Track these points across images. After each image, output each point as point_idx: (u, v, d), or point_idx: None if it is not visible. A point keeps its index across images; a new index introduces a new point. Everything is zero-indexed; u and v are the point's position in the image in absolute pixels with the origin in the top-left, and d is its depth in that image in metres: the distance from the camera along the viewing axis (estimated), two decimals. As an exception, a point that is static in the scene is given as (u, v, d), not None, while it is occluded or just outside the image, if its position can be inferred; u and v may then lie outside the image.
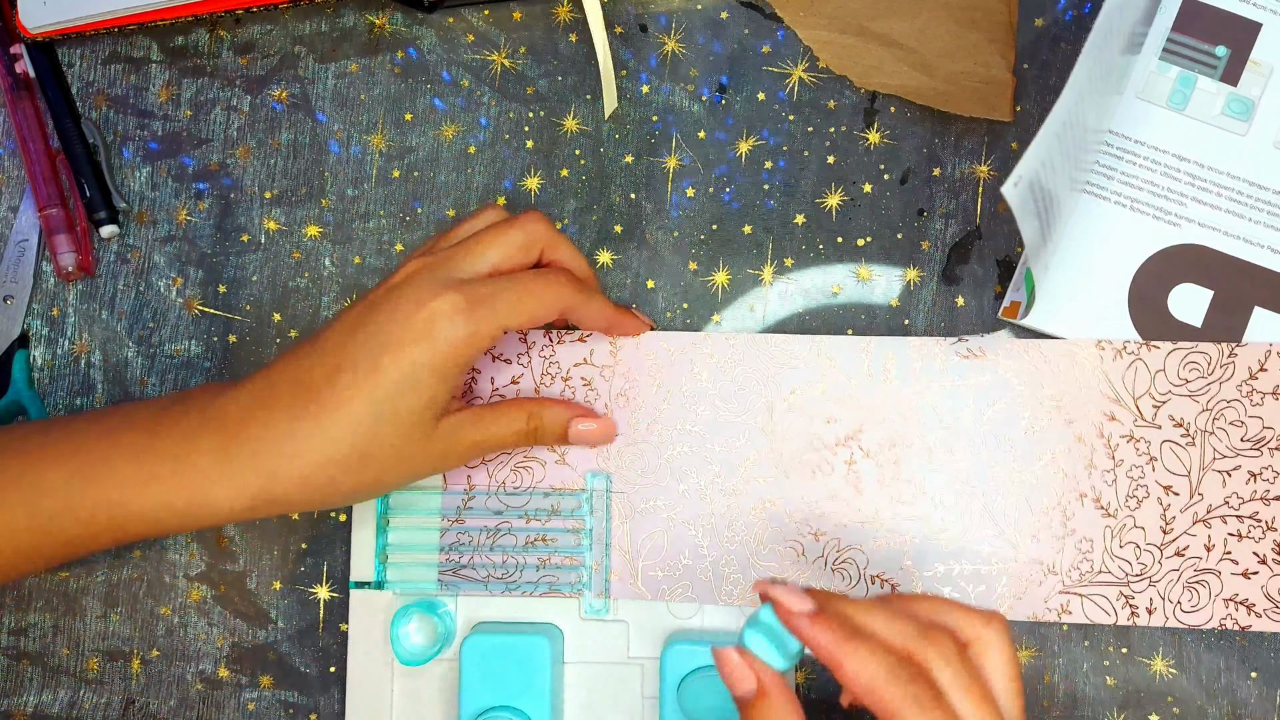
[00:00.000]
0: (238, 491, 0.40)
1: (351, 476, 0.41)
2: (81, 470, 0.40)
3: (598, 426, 0.46)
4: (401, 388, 0.40)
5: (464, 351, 0.40)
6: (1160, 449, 0.46)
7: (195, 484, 0.40)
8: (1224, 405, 0.45)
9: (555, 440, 0.46)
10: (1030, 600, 0.46)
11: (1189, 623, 0.45)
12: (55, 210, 0.50)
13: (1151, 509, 0.46)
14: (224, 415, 0.41)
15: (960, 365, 0.46)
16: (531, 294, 0.42)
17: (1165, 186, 0.47)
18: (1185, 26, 0.47)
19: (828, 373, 0.47)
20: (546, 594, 0.47)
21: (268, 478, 0.40)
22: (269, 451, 0.40)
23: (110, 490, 0.40)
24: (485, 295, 0.41)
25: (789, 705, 0.36)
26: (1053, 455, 0.46)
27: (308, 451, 0.40)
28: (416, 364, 0.40)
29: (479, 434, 0.43)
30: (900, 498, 0.46)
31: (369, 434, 0.40)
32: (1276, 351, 0.45)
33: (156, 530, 0.41)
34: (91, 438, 0.41)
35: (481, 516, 0.48)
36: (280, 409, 0.40)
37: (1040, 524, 0.46)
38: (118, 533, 0.41)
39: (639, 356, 0.48)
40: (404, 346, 0.40)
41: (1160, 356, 0.46)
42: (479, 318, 0.40)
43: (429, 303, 0.40)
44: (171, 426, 0.41)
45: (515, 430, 0.44)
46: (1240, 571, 0.45)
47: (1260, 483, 0.45)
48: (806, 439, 0.47)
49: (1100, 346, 0.46)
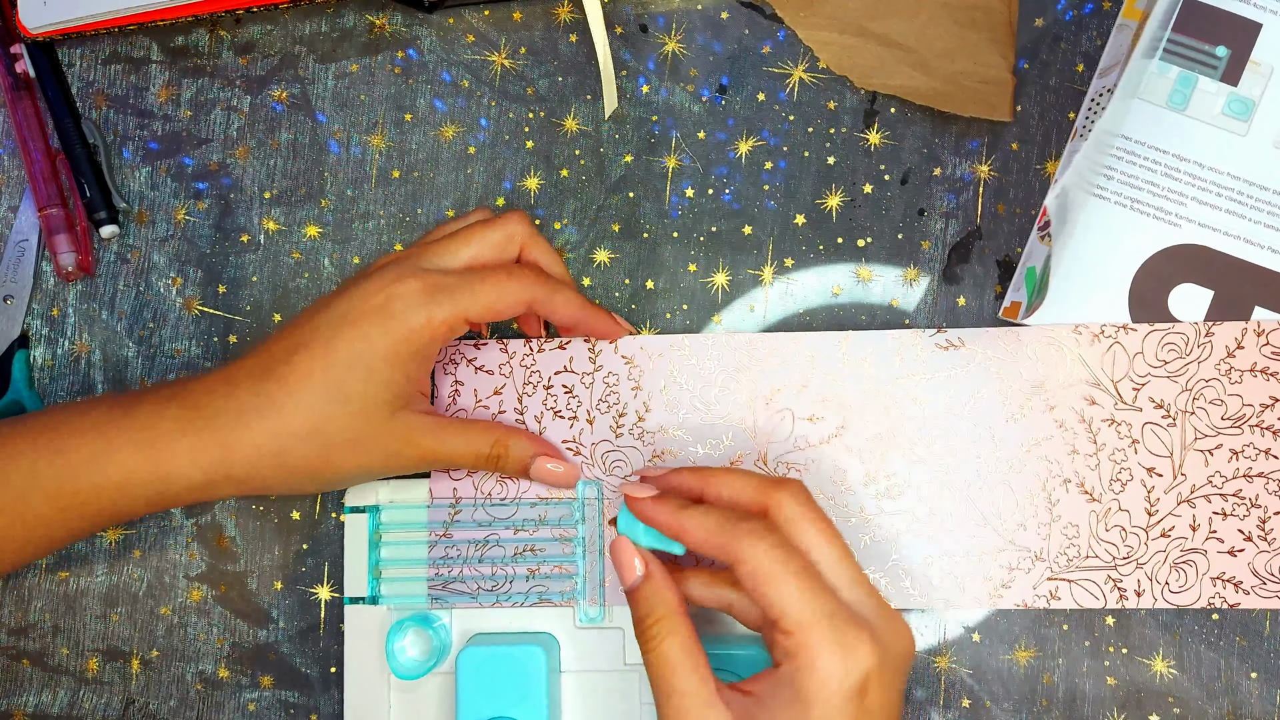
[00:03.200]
0: (195, 462, 0.41)
1: (300, 450, 0.41)
2: (51, 444, 0.41)
3: (564, 470, 0.46)
4: (354, 367, 0.41)
5: (419, 336, 0.41)
6: (1142, 431, 0.46)
7: (158, 454, 0.41)
8: (1203, 385, 0.46)
9: (516, 473, 0.46)
10: (1018, 588, 0.46)
11: (1177, 603, 0.45)
12: (55, 210, 0.50)
13: (1136, 491, 0.46)
14: (190, 390, 0.42)
15: (940, 356, 0.46)
16: (492, 285, 0.42)
17: (1165, 186, 0.47)
18: (1185, 26, 0.47)
19: (808, 370, 0.47)
20: (539, 604, 0.47)
21: (223, 448, 0.41)
22: (226, 422, 0.41)
23: (73, 461, 0.41)
24: (446, 284, 0.41)
25: (665, 580, 0.39)
26: (1035, 442, 0.46)
27: (262, 421, 0.41)
28: (372, 346, 0.41)
29: (436, 444, 0.43)
30: (886, 491, 0.46)
31: (321, 411, 0.41)
32: (1253, 329, 0.45)
33: (122, 501, 0.42)
34: (61, 416, 0.42)
35: (469, 529, 0.47)
36: (241, 383, 0.41)
37: (1025, 511, 0.46)
38: (85, 508, 0.42)
39: (618, 362, 0.48)
40: (358, 325, 0.41)
41: (1138, 339, 0.46)
42: (436, 303, 0.41)
43: (389, 286, 0.41)
44: (141, 403, 0.42)
45: (475, 452, 0.44)
46: (1227, 550, 0.45)
47: (1242, 460, 0.45)
48: (790, 437, 0.47)
49: (1077, 331, 0.46)
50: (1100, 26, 0.48)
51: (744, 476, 0.40)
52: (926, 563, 0.46)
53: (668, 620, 0.38)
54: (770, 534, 0.37)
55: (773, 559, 0.36)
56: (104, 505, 0.42)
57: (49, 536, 0.42)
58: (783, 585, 0.36)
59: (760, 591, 0.36)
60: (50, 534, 0.42)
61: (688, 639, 0.38)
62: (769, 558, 0.36)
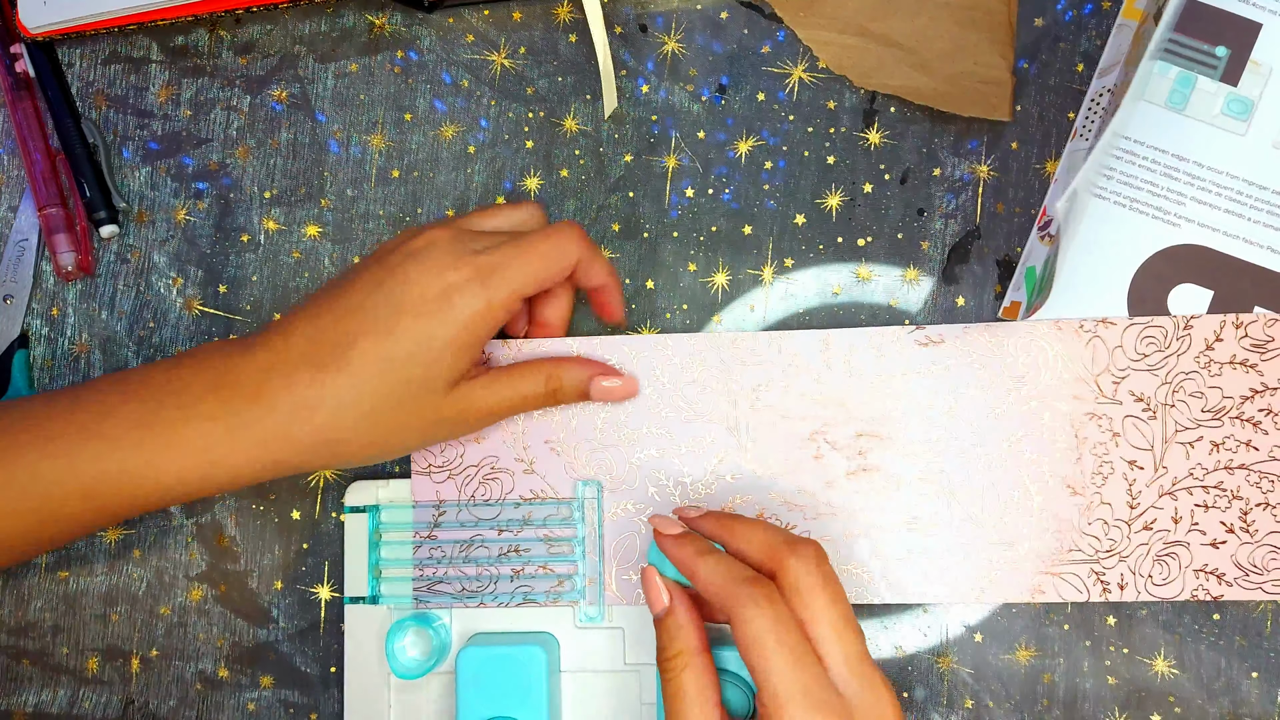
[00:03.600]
0: (251, 455, 0.40)
1: (362, 436, 0.41)
2: (85, 447, 0.40)
3: (621, 384, 0.46)
4: (415, 356, 0.40)
5: (482, 325, 0.41)
6: (1123, 424, 0.46)
7: (207, 451, 0.40)
8: (1183, 377, 0.46)
9: (576, 399, 0.46)
10: (1003, 583, 0.46)
11: (1160, 596, 0.45)
12: (55, 210, 0.50)
13: (1118, 485, 0.46)
14: (238, 378, 0.41)
15: (921, 353, 0.46)
16: (539, 256, 0.42)
17: (1165, 186, 0.47)
18: (1185, 26, 0.47)
19: (789, 369, 0.47)
20: (542, 604, 0.47)
21: (283, 440, 0.40)
22: (285, 416, 0.40)
23: (109, 466, 0.40)
24: (498, 263, 0.41)
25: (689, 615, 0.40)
26: (1017, 437, 0.46)
27: (324, 415, 0.40)
28: (433, 337, 0.40)
29: (494, 398, 0.43)
30: (869, 489, 0.46)
31: (381, 396, 0.40)
32: (1231, 322, 0.46)
33: (166, 500, 0.41)
34: (93, 413, 0.41)
35: (454, 530, 0.47)
36: (299, 370, 0.40)
37: (1008, 506, 0.46)
38: (123, 507, 0.41)
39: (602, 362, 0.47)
40: (419, 317, 0.40)
41: (1117, 332, 0.46)
42: (493, 287, 0.41)
43: (444, 275, 0.41)
44: (179, 393, 0.41)
45: (533, 393, 0.44)
46: (1209, 542, 0.45)
47: (1223, 452, 0.45)
48: (773, 436, 0.47)
49: (1057, 326, 0.46)
50: (1100, 26, 0.48)
51: (762, 533, 0.40)
52: (910, 559, 0.46)
53: (685, 655, 0.39)
54: (770, 604, 0.37)
55: (766, 629, 0.36)
56: (149, 500, 0.41)
57: (79, 529, 0.42)
58: (771, 658, 0.36)
59: (749, 657, 0.37)
60: (80, 527, 0.42)
61: (703, 673, 0.38)
62: (763, 627, 0.36)
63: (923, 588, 0.46)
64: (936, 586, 0.46)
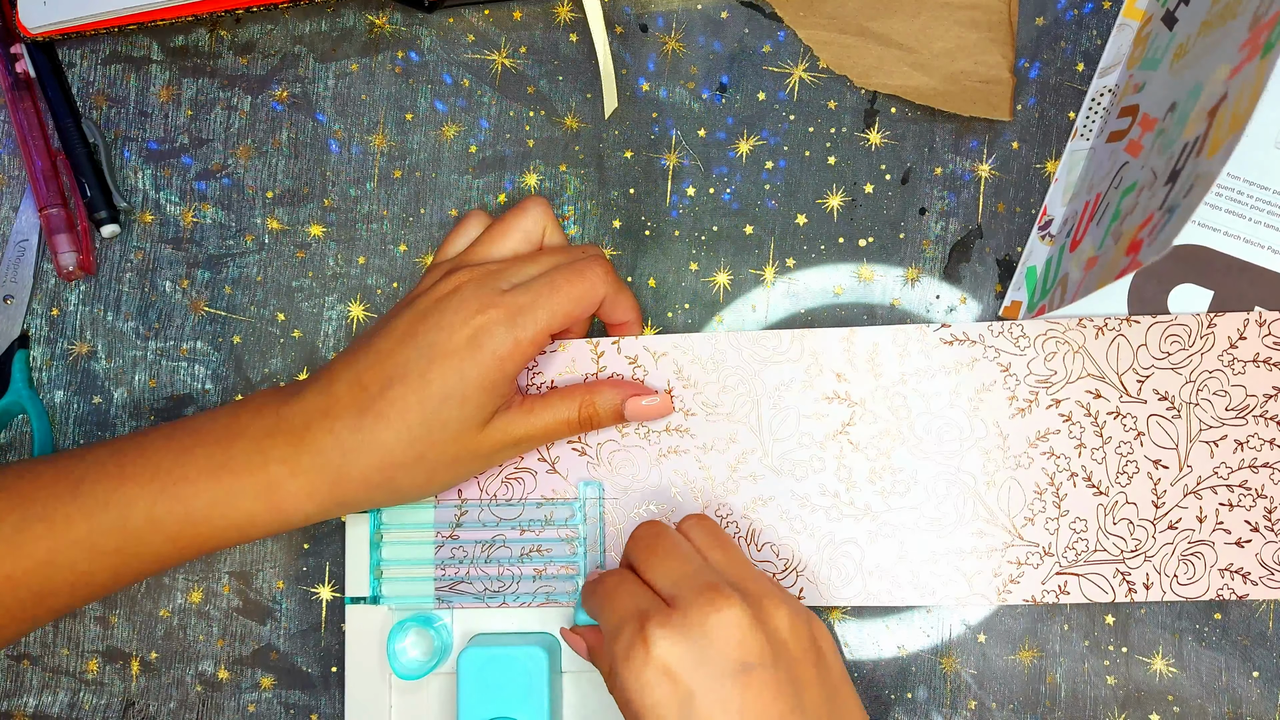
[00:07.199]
0: (309, 495, 0.42)
1: (407, 476, 0.43)
2: (166, 490, 0.42)
3: (659, 403, 0.46)
4: (449, 398, 0.42)
5: (510, 362, 0.42)
6: (1147, 423, 0.46)
7: (272, 493, 0.42)
8: (1207, 376, 0.46)
9: (612, 421, 0.46)
10: (1027, 583, 0.46)
11: (1186, 595, 0.45)
12: (56, 210, 0.50)
13: (1142, 484, 0.46)
14: (290, 424, 0.43)
15: (944, 351, 0.46)
16: (568, 296, 0.43)
17: (1165, 186, 0.47)
18: (1185, 26, 0.47)
19: (812, 367, 0.47)
20: (544, 604, 0.47)
21: (334, 481, 0.42)
22: (332, 460, 0.42)
23: (193, 507, 0.42)
24: (525, 304, 0.42)
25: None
26: (1041, 436, 0.46)
27: (368, 455, 0.42)
28: (465, 378, 0.42)
29: (528, 428, 0.44)
30: (892, 489, 0.46)
31: (423, 439, 0.42)
32: (1255, 320, 0.46)
33: (239, 539, 0.43)
34: (169, 457, 0.43)
35: (475, 529, 0.48)
36: (341, 416, 0.42)
37: (1033, 506, 0.46)
38: (204, 546, 0.43)
39: (621, 362, 0.47)
40: (450, 359, 0.42)
41: (1141, 331, 0.46)
42: (521, 327, 0.42)
43: (473, 318, 0.42)
44: (242, 440, 0.43)
45: (566, 419, 0.45)
46: (1234, 541, 0.45)
47: (1247, 451, 0.45)
48: (795, 435, 0.47)
49: (1081, 324, 0.46)
50: (1100, 26, 0.48)
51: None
52: (934, 559, 0.46)
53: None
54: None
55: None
56: (223, 540, 0.43)
57: (159, 568, 0.44)
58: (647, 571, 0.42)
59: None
60: (160, 567, 0.44)
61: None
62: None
63: (945, 588, 0.46)
64: (959, 587, 0.46)
